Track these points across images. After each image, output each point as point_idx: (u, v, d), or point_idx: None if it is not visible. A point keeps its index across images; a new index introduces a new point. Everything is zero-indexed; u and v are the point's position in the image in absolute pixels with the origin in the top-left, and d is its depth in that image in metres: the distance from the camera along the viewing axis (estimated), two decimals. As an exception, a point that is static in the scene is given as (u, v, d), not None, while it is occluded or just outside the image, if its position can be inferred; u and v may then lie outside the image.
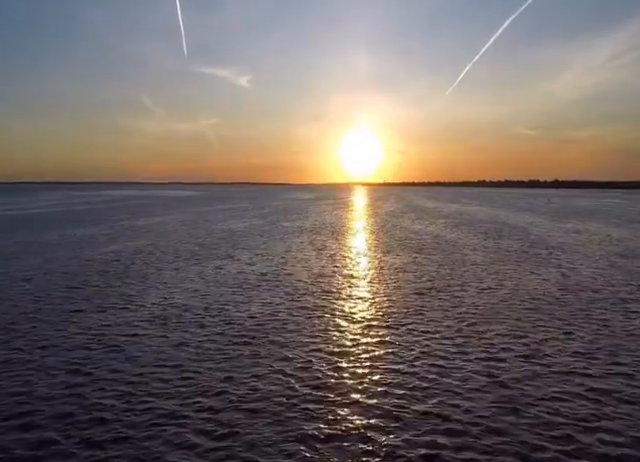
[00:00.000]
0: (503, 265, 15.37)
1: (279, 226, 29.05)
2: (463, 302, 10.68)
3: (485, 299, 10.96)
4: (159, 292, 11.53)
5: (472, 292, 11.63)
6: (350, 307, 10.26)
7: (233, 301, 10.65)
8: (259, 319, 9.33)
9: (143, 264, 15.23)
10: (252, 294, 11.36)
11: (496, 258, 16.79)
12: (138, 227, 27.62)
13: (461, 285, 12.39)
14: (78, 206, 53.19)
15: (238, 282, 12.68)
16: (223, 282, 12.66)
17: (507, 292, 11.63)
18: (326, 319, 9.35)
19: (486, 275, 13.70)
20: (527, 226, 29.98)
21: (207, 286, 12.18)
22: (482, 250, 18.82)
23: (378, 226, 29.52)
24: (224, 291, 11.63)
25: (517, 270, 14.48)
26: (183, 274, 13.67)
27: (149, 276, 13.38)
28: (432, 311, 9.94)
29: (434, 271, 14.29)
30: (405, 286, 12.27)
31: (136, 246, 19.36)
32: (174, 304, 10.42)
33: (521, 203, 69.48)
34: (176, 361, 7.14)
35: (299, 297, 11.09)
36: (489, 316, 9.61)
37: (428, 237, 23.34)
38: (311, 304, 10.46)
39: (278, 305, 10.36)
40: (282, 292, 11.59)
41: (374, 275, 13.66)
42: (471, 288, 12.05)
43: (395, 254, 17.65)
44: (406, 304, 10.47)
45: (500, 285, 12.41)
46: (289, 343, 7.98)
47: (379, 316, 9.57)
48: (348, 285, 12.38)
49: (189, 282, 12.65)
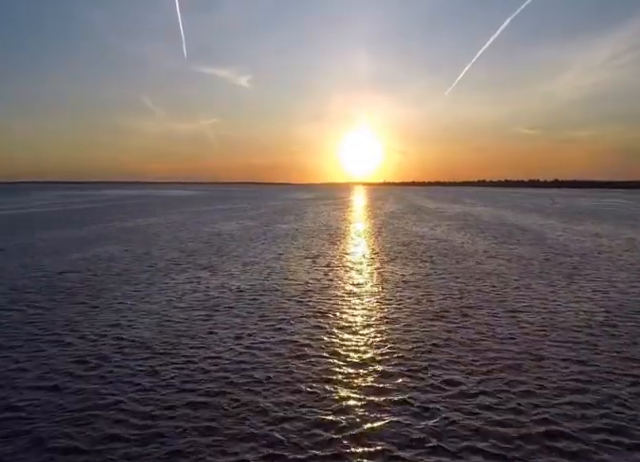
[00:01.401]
0: (527, 278, 13.19)
1: (273, 228, 26.89)
2: (488, 336, 8.49)
3: (517, 329, 8.78)
4: (105, 317, 9.34)
5: (498, 318, 9.44)
6: (347, 343, 8.08)
7: (194, 333, 8.46)
8: (226, 362, 7.15)
9: (103, 276, 13.04)
10: (223, 321, 9.18)
11: (516, 268, 14.61)
12: (122, 229, 25.46)
13: (482, 308, 10.20)
14: (70, 206, 51.02)
15: (209, 303, 10.50)
16: (190, 303, 10.47)
17: (543, 318, 9.43)
18: (315, 361, 7.19)
19: (510, 292, 11.50)
20: (539, 228, 27.81)
21: (169, 309, 9.97)
22: (497, 258, 16.64)
23: (379, 229, 27.35)
24: (187, 317, 9.44)
25: (545, 285, 12.29)
26: (146, 291, 11.48)
27: (102, 294, 11.19)
28: (450, 349, 7.76)
29: (446, 286, 12.12)
30: (412, 308, 10.09)
31: (109, 252, 17.20)
32: (117, 337, 8.22)
33: (525, 203, 67.33)
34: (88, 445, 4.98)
35: (282, 326, 8.91)
36: (531, 356, 7.44)
37: (434, 241, 21.18)
38: (297, 337, 8.29)
39: (254, 339, 8.19)
40: (262, 318, 9.41)
41: (376, 293, 11.48)
42: (495, 311, 9.86)
43: (399, 263, 15.47)
44: (415, 335, 8.30)
45: (531, 307, 10.20)
46: (266, 408, 5.81)
47: (383, 356, 7.40)
48: (344, 308, 10.20)
49: (149, 303, 10.45)
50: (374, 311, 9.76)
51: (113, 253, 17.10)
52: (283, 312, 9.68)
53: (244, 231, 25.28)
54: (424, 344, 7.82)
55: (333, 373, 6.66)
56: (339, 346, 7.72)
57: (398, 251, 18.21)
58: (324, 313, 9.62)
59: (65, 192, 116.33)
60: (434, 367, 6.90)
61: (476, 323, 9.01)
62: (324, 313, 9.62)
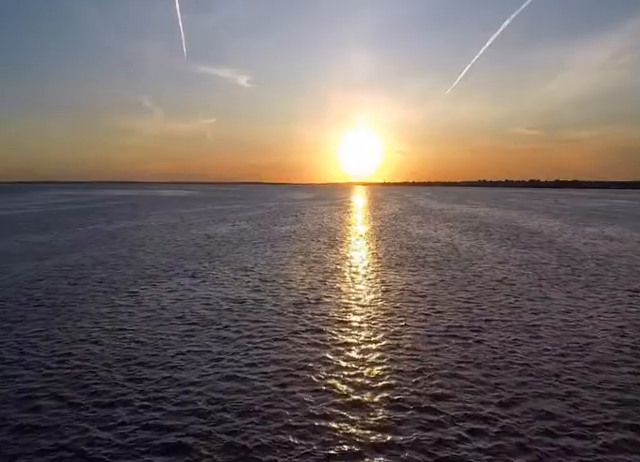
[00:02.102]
0: (542, 287, 12.03)
1: (269, 231, 25.72)
2: (506, 359, 7.33)
3: (538, 350, 7.62)
4: (68, 335, 8.17)
5: (516, 337, 8.27)
6: (345, 370, 6.92)
7: (166, 357, 7.30)
8: (199, 394, 5.99)
9: (79, 286, 11.87)
10: (204, 340, 8.01)
11: (529, 276, 13.45)
12: (109, 232, 24.29)
13: (496, 324, 9.03)
14: (57, 207, 49.84)
15: (190, 317, 9.33)
16: (170, 317, 9.31)
17: (567, 337, 8.26)
18: (308, 391, 6.03)
19: (526, 305, 10.34)
20: (547, 231, 26.65)
21: (144, 324, 8.79)
22: (508, 263, 15.48)
23: (380, 231, 26.18)
24: (164, 334, 8.27)
25: (564, 296, 11.13)
26: (123, 302, 10.31)
27: (73, 306, 10.01)
28: (465, 375, 6.60)
29: (455, 297, 10.95)
30: (419, 325, 8.93)
31: (90, 258, 16.03)
32: (79, 359, 7.06)
33: (529, 204, 66.17)
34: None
35: (269, 347, 7.76)
36: (557, 383, 6.28)
37: (439, 245, 20.01)
38: (287, 361, 7.13)
39: (236, 363, 7.02)
40: (248, 337, 8.25)
41: (378, 307, 10.31)
42: (512, 329, 8.68)
43: (402, 270, 14.31)
44: (423, 358, 7.13)
45: (552, 323, 9.02)
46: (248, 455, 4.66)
47: (387, 386, 6.24)
48: (343, 324, 9.03)
49: (124, 316, 9.27)
50: (376, 329, 8.59)
51: (95, 258, 15.94)
52: (273, 329, 8.52)
53: (238, 234, 24.12)
54: (433, 369, 6.66)
55: (330, 406, 5.51)
56: (337, 372, 6.57)
57: (401, 256, 17.04)
58: (319, 331, 8.46)
59: (61, 192, 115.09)
60: (446, 397, 5.75)
61: (492, 344, 7.85)
62: (319, 331, 8.46)
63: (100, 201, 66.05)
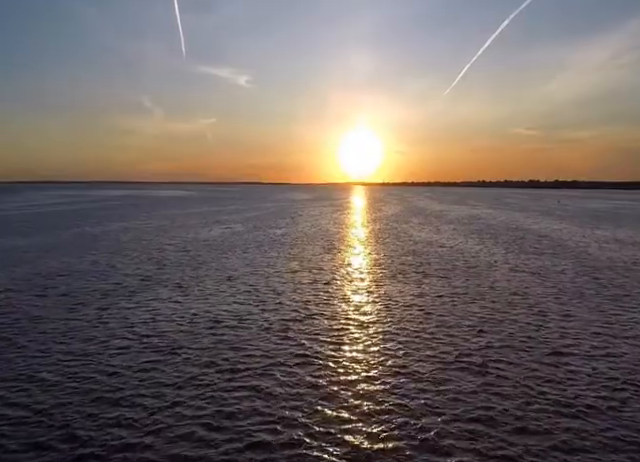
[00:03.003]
0: (565, 302, 10.73)
1: (264, 234, 24.42)
2: (538, 399, 6.04)
3: (572, 387, 6.33)
4: (16, 364, 6.87)
5: (542, 366, 6.98)
6: (341, 409, 5.63)
7: (131, 398, 5.98)
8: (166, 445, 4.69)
9: (42, 299, 10.51)
10: (177, 372, 6.70)
11: (547, 287, 12.15)
12: (94, 235, 22.97)
13: (517, 349, 7.72)
14: (51, 208, 48.46)
15: (165, 341, 8.02)
16: (141, 341, 8.00)
17: (606, 367, 6.96)
18: (300, 437, 4.74)
19: (550, 324, 9.01)
20: (555, 234, 25.38)
21: (108, 351, 7.44)
22: (520, 271, 14.20)
23: (380, 235, 24.90)
24: (130, 364, 6.95)
25: (590, 312, 9.82)
26: (89, 320, 8.97)
27: (27, 326, 8.70)
28: (487, 424, 5.32)
29: (465, 314, 9.66)
30: (425, 347, 7.63)
31: (66, 265, 14.73)
32: (20, 398, 5.76)
33: (531, 205, 64.96)
34: None
35: (256, 380, 6.46)
36: (599, 430, 5.00)
37: (443, 250, 18.74)
38: (276, 397, 5.84)
39: (217, 403, 5.73)
40: (231, 367, 6.95)
41: (379, 326, 9.01)
42: (537, 355, 7.38)
43: (405, 280, 13.02)
44: (431, 394, 5.85)
45: (583, 349, 7.70)
46: None
47: (389, 426, 4.95)
48: (339, 349, 7.74)
49: (85, 340, 7.94)
50: (376, 357, 7.30)
51: (70, 266, 14.63)
52: (256, 357, 7.23)
53: (229, 238, 22.81)
54: (443, 408, 5.37)
55: (322, 447, 4.22)
56: (332, 410, 5.28)
57: (403, 262, 15.76)
58: (313, 357, 7.16)
59: (58, 192, 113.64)
60: (462, 442, 4.47)
61: (513, 375, 6.57)
62: (313, 357, 7.16)
63: (95, 201, 64.73)
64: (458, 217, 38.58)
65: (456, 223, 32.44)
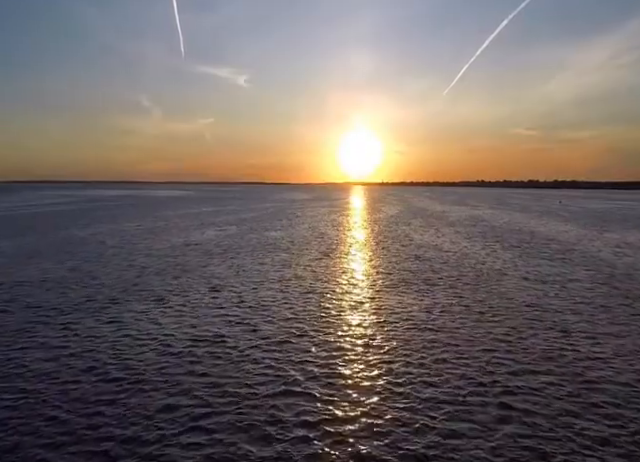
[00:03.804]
0: (592, 319, 9.54)
1: (259, 237, 23.30)
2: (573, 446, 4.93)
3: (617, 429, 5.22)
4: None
5: (579, 407, 5.86)
6: (336, 443, 4.52)
7: (87, 441, 4.86)
8: None
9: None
10: (144, 406, 5.57)
11: (565, 299, 11.00)
12: (78, 238, 21.82)
13: (545, 383, 6.58)
14: (45, 208, 47.27)
15: (133, 369, 6.88)
16: (104, 368, 6.85)
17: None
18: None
19: (580, 349, 7.82)
20: (563, 237, 24.27)
21: (58, 385, 6.33)
22: (534, 280, 13.07)
23: (381, 238, 23.77)
24: (88, 398, 5.82)
25: (622, 332, 8.67)
26: (47, 341, 7.78)
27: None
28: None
29: (477, 334, 8.53)
30: (438, 379, 6.51)
31: (39, 273, 13.58)
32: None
33: (533, 205, 63.90)
34: None
35: (236, 417, 5.34)
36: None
37: (447, 255, 17.62)
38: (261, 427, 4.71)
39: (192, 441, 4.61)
40: (207, 396, 5.83)
41: (380, 348, 7.86)
42: (570, 395, 6.25)
43: (408, 290, 11.90)
44: (439, 437, 4.73)
45: (623, 384, 6.59)
46: None
47: None
48: (335, 379, 6.61)
49: (34, 368, 6.81)
50: (377, 387, 6.18)
51: (44, 274, 13.48)
52: (238, 388, 6.10)
53: (222, 241, 21.67)
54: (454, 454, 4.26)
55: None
56: (323, 448, 4.17)
57: (405, 269, 14.64)
58: (302, 392, 6.04)
59: (56, 192, 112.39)
60: None
61: (542, 414, 5.46)
62: (302, 392, 6.04)
63: (92, 202, 63.63)
64: (460, 218, 37.49)
65: (458, 225, 31.34)
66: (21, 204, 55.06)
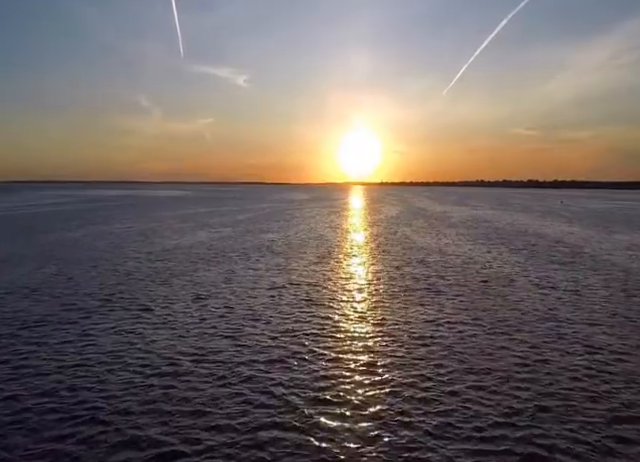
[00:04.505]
0: (628, 338, 8.67)
1: (253, 239, 22.41)
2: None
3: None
4: None
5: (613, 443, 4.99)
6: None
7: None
8: None
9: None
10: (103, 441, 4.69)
11: (585, 309, 10.11)
12: (65, 241, 20.93)
13: (582, 422, 5.71)
14: (41, 209, 46.34)
15: (98, 399, 6.00)
16: (65, 397, 5.97)
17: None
18: None
19: (630, 377, 7.00)
20: (570, 239, 23.39)
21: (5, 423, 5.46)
22: (551, 289, 12.17)
23: (381, 240, 22.90)
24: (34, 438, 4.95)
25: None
26: (5, 361, 6.95)
27: None
28: None
29: (497, 354, 7.64)
30: (451, 406, 5.63)
31: (16, 279, 12.71)
32: None
33: (534, 205, 63.06)
34: None
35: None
36: None
37: (452, 259, 16.73)
38: None
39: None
40: (184, 426, 4.94)
41: (384, 368, 6.99)
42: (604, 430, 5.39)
43: (413, 300, 11.02)
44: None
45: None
46: None
47: None
48: (329, 403, 5.73)
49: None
50: (378, 417, 5.30)
51: (23, 280, 12.57)
52: (229, 416, 5.22)
53: (216, 244, 20.78)
54: None
55: None
56: None
57: (408, 275, 13.77)
58: (300, 419, 5.17)
59: (56, 192, 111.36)
60: None
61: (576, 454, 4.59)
62: (300, 419, 5.17)
63: (90, 202, 62.83)
64: (461, 219, 36.62)
65: (460, 226, 30.47)
66: (18, 204, 54.15)
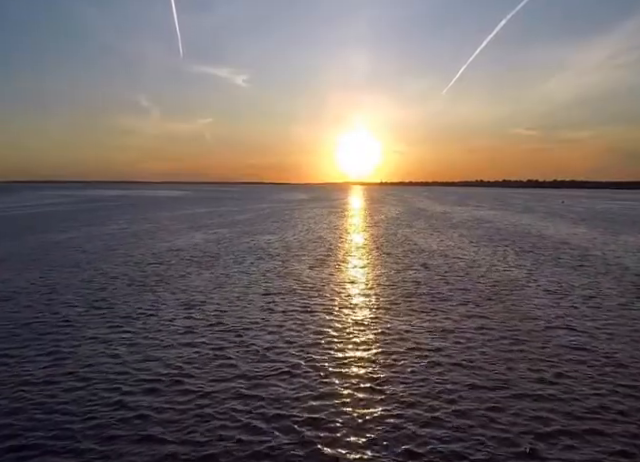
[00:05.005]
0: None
1: (249, 241, 21.66)
2: None
3: None
4: None
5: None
6: None
7: None
8: None
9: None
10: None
11: (609, 322, 9.32)
12: (55, 243, 20.16)
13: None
14: (38, 209, 45.55)
15: (61, 429, 5.24)
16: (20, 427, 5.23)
17: None
18: None
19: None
20: (578, 241, 22.64)
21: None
22: (563, 296, 11.42)
23: (382, 243, 22.15)
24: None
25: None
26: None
27: None
28: None
29: (511, 374, 6.89)
30: (462, 439, 4.89)
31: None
32: None
33: (535, 205, 62.34)
34: None
35: None
36: None
37: (456, 263, 15.98)
38: None
39: None
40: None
41: (387, 395, 6.24)
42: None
43: (417, 308, 10.26)
44: None
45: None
46: None
47: None
48: (323, 448, 4.98)
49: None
50: (380, 443, 4.56)
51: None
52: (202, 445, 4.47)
53: (210, 246, 20.02)
54: None
55: None
56: None
57: (410, 280, 13.02)
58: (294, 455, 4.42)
59: (55, 192, 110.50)
60: None
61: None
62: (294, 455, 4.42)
63: (88, 202, 62.18)
64: (463, 220, 35.89)
65: (462, 227, 29.73)
66: (13, 205, 53.37)
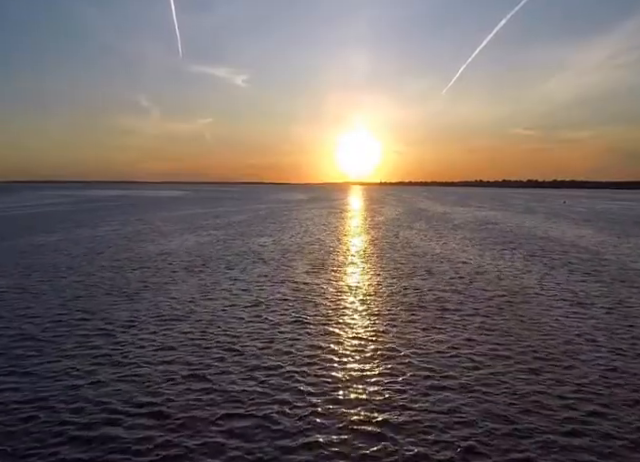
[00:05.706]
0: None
1: (244, 244, 20.77)
2: None
3: None
4: None
5: None
6: None
7: None
8: None
9: None
10: None
11: (633, 336, 8.52)
12: (40, 246, 19.25)
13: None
14: (35, 209, 44.60)
15: None
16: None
17: None
18: None
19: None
20: (586, 244, 21.77)
21: None
22: (579, 306, 10.53)
23: (383, 245, 21.26)
24: None
25: None
26: None
27: None
28: None
29: (527, 403, 5.99)
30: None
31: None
32: None
33: (537, 206, 61.51)
34: None
35: None
36: None
37: (461, 268, 15.09)
38: None
39: None
40: None
41: (391, 424, 5.34)
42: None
43: (421, 320, 9.36)
44: None
45: None
46: None
47: None
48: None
49: None
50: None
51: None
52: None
53: (202, 249, 19.12)
54: None
55: None
56: None
57: (413, 288, 12.14)
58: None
59: (55, 192, 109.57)
60: None
61: None
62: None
63: (86, 202, 61.36)
64: (464, 221, 35.00)
65: (464, 229, 28.86)
66: (15, 205, 52.47)
